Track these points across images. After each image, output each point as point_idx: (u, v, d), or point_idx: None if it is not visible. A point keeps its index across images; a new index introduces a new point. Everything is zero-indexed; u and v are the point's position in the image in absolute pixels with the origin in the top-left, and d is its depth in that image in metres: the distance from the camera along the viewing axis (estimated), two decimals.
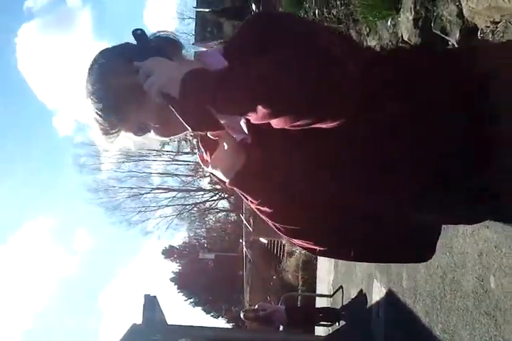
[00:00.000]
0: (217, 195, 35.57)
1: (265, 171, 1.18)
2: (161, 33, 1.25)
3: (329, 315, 8.54)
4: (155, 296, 13.72)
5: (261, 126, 1.09)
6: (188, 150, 35.66)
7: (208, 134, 1.24)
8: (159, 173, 35.33)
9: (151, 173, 34.87)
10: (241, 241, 23.21)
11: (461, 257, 3.35)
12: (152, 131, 1.20)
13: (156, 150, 34.53)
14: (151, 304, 11.10)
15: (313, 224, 1.23)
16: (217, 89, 0.99)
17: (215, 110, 1.03)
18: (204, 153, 1.32)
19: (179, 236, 38.26)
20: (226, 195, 34.53)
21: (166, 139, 1.30)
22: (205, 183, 34.35)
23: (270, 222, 1.27)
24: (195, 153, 34.85)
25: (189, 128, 1.07)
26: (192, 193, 35.52)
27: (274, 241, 19.10)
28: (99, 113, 1.15)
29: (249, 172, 1.18)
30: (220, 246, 32.52)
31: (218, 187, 30.98)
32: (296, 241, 1.28)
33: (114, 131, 1.18)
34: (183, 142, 35.13)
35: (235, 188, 1.22)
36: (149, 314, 9.91)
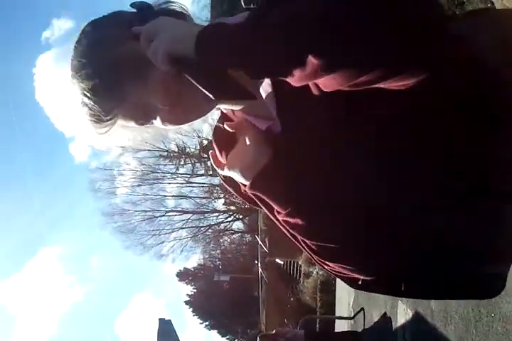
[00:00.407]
0: (232, 216, 35.43)
1: (299, 169, 0.89)
2: (168, 4, 0.98)
3: (350, 339, 8.21)
4: (169, 320, 13.50)
5: (297, 103, 0.83)
6: (202, 172, 35.77)
7: (225, 126, 0.97)
8: (174, 196, 35.39)
9: (165, 196, 34.96)
10: (256, 262, 22.96)
11: None
12: (158, 118, 0.92)
13: (171, 173, 34.66)
14: (165, 328, 10.90)
15: (358, 241, 0.90)
16: (250, 38, 0.72)
17: (248, 70, 0.75)
18: (218, 153, 1.03)
19: (194, 258, 38.16)
20: (241, 216, 34.37)
21: (175, 128, 0.98)
22: (219, 205, 34.28)
23: (299, 238, 0.95)
24: (210, 175, 34.98)
25: (211, 100, 0.81)
26: (206, 215, 35.44)
27: (290, 262, 18.80)
28: (88, 93, 0.86)
29: (276, 171, 0.90)
30: (235, 267, 32.21)
31: (233, 208, 30.85)
32: (331, 265, 0.96)
33: (108, 118, 0.89)
34: (198, 164, 35.31)
35: (257, 194, 0.93)
36: (164, 339, 9.65)
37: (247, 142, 0.93)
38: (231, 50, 0.73)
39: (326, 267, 0.99)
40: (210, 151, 1.05)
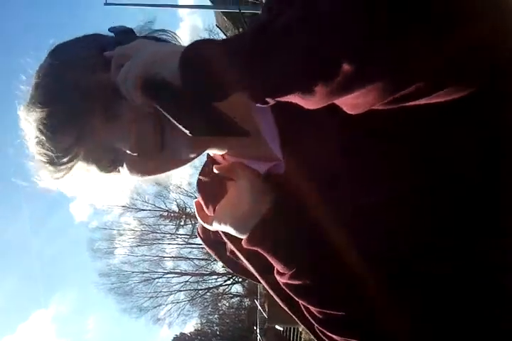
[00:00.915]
0: (231, 279, 34.76)
1: (310, 222, 0.72)
2: (156, 33, 0.82)
3: None
4: None
5: (305, 138, 0.66)
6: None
7: (214, 169, 0.79)
8: (172, 257, 34.95)
9: (164, 257, 34.54)
10: (255, 328, 22.21)
11: None
12: (125, 165, 0.75)
13: (170, 234, 34.37)
14: None
15: (372, 313, 0.71)
16: (258, 46, 0.54)
17: (254, 90, 0.57)
18: (204, 205, 0.86)
19: (191, 323, 37.05)
20: (240, 279, 33.71)
21: (142, 178, 0.80)
22: (218, 267, 33.73)
23: (300, 303, 0.78)
24: None
25: (189, 136, 0.61)
26: (205, 277, 34.83)
27: (290, 329, 18.17)
28: (41, 126, 0.70)
29: (279, 222, 0.73)
30: (233, 333, 31.18)
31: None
32: (337, 338, 0.77)
33: (65, 160, 0.71)
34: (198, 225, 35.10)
35: (255, 249, 0.75)
36: None
37: (242, 188, 0.75)
38: (232, 64, 0.56)
39: (326, 339, 0.80)
40: (195, 200, 0.88)
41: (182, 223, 35.35)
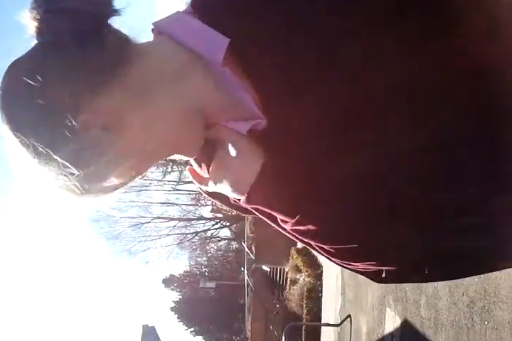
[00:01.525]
0: (219, 224, 35.28)
1: (298, 168, 0.75)
2: None
3: None
4: (153, 327, 13.26)
5: (286, 90, 0.70)
6: (189, 179, 35.55)
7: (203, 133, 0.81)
8: (160, 203, 35.22)
9: (151, 203, 34.79)
10: (243, 269, 22.79)
11: (492, 283, 2.99)
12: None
13: (158, 180, 34.48)
14: (149, 334, 10.69)
15: (376, 235, 0.80)
16: None
17: None
18: (197, 166, 0.87)
19: (180, 265, 37.81)
20: (228, 224, 34.23)
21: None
22: (206, 212, 34.13)
23: (314, 244, 0.84)
24: None
25: None
26: (193, 222, 35.28)
27: (276, 269, 18.68)
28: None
29: (272, 177, 0.75)
30: (221, 274, 31.99)
31: (220, 215, 30.71)
32: (354, 264, 0.87)
33: None
34: (185, 171, 35.17)
35: (256, 207, 0.80)
36: None
37: (232, 151, 0.77)
38: None
39: (348, 266, 0.88)
40: (188, 167, 0.89)
41: (169, 170, 35.36)
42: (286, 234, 0.86)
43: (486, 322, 3.03)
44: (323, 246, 0.83)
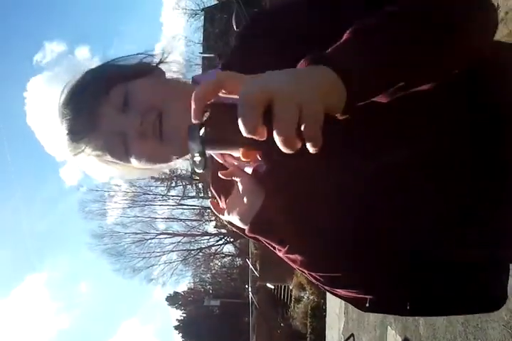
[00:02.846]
0: (223, 239, 35.18)
1: (291, 205, 0.91)
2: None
3: None
4: None
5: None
6: (193, 194, 35.64)
7: (219, 174, 0.99)
8: (164, 218, 35.13)
9: (156, 218, 34.69)
10: (247, 286, 22.74)
11: None
12: (131, 147, 0.97)
13: (162, 195, 34.48)
14: None
15: (360, 267, 0.93)
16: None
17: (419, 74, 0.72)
18: (219, 199, 1.07)
19: (184, 282, 37.66)
20: (232, 239, 34.15)
21: (156, 167, 1.06)
22: (210, 227, 34.05)
23: (306, 272, 0.99)
24: (201, 197, 34.82)
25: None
26: (197, 238, 35.17)
27: (281, 287, 18.64)
28: (67, 109, 0.97)
29: (270, 212, 0.91)
30: (226, 292, 31.87)
31: (224, 231, 30.69)
32: (339, 291, 0.99)
33: (79, 139, 0.96)
34: (189, 186, 35.17)
35: (257, 237, 0.96)
36: None
37: (240, 187, 0.95)
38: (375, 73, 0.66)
39: (335, 293, 1.01)
40: (210, 200, 1.09)
41: (173, 184, 35.40)
42: (284, 258, 1.01)
43: (479, 340, 3.15)
44: (313, 274, 0.97)
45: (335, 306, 9.86)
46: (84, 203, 33.52)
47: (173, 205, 35.55)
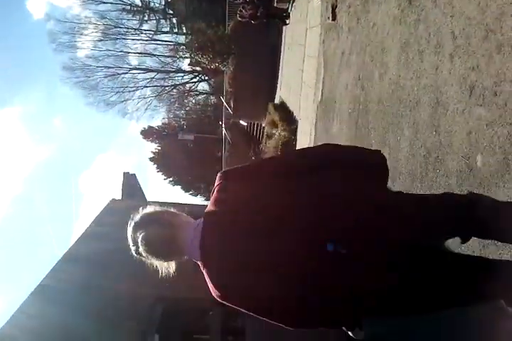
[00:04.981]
0: (198, 77, 34.86)
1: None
2: None
3: None
4: (134, 174, 13.88)
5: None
6: (167, 29, 34.18)
7: None
8: (137, 53, 34.20)
9: (128, 53, 33.76)
10: (220, 123, 23.16)
11: (447, 136, 3.25)
12: None
13: (134, 29, 33.05)
14: (130, 181, 11.25)
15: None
16: None
17: None
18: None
19: (158, 118, 38.13)
20: (206, 78, 33.83)
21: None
22: (185, 65, 33.49)
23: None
24: (175, 33, 33.52)
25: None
26: (171, 74, 34.77)
27: (253, 124, 19.09)
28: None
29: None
30: (200, 128, 32.55)
31: (198, 68, 30.22)
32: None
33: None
34: (163, 21, 33.59)
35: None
36: (128, 190, 10.04)
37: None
38: None
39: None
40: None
41: (146, 18, 33.81)
42: None
43: (438, 171, 3.36)
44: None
45: (304, 142, 10.24)
46: (54, 35, 32.08)
47: (146, 40, 34.42)
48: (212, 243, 1.58)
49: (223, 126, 21.47)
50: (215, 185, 1.73)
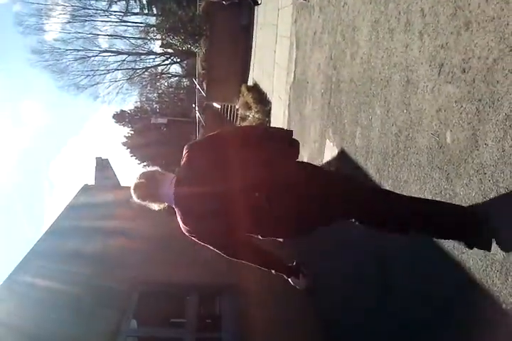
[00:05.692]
0: (170, 60, 34.40)
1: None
2: None
3: None
4: (107, 159, 13.72)
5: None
6: (137, 10, 33.52)
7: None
8: (107, 35, 33.59)
9: (98, 35, 33.12)
10: (194, 106, 23.00)
11: (417, 114, 3.27)
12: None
13: (103, 10, 32.33)
14: (102, 166, 11.13)
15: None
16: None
17: None
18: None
19: (130, 101, 37.60)
20: (178, 60, 33.42)
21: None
22: (156, 47, 33.02)
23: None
24: (145, 14, 32.90)
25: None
26: (143, 57, 34.25)
27: (227, 106, 18.99)
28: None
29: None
30: (173, 111, 32.29)
31: (170, 50, 29.84)
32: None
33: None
34: (132, 2, 32.93)
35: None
36: (101, 175, 9.92)
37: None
38: None
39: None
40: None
41: None
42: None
43: (409, 149, 3.39)
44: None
45: (278, 123, 10.23)
46: (21, 17, 31.22)
47: (115, 22, 33.80)
48: (181, 193, 2.31)
49: (196, 108, 21.32)
50: (183, 153, 2.47)
